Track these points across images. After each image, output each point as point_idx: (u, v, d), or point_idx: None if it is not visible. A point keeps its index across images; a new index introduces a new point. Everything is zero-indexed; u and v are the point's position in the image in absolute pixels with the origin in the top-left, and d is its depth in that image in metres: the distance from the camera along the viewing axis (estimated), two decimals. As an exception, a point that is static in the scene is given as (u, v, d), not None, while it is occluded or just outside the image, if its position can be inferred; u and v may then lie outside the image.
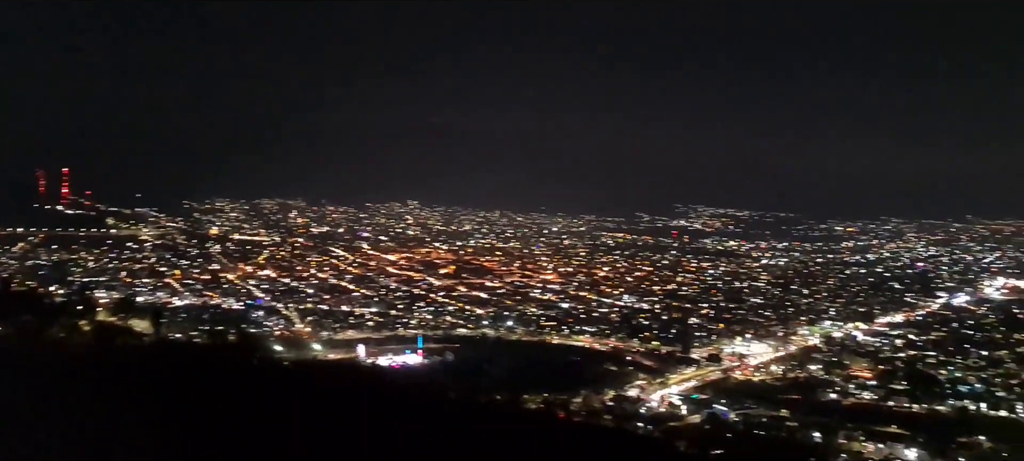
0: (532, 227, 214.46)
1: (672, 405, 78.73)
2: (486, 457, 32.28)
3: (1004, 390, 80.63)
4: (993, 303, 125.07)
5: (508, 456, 33.78)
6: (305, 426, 26.81)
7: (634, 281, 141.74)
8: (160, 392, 27.49)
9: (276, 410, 29.33)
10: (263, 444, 24.15)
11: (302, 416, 27.88)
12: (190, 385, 30.20)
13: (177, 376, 32.77)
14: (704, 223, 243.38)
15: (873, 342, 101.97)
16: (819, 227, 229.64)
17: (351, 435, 27.54)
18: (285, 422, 26.92)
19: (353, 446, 26.80)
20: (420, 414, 49.60)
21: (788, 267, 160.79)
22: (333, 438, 26.54)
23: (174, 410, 24.49)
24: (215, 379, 33.89)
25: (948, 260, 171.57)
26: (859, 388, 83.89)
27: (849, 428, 69.01)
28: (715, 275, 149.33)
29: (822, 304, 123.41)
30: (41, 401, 22.77)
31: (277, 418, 27.37)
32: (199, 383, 31.27)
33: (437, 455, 29.19)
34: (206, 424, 23.98)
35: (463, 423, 50.62)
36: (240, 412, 27.06)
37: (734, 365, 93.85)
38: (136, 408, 23.16)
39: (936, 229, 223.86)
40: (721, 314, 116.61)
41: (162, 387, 28.90)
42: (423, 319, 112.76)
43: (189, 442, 22.23)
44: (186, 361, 42.24)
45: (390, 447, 28.14)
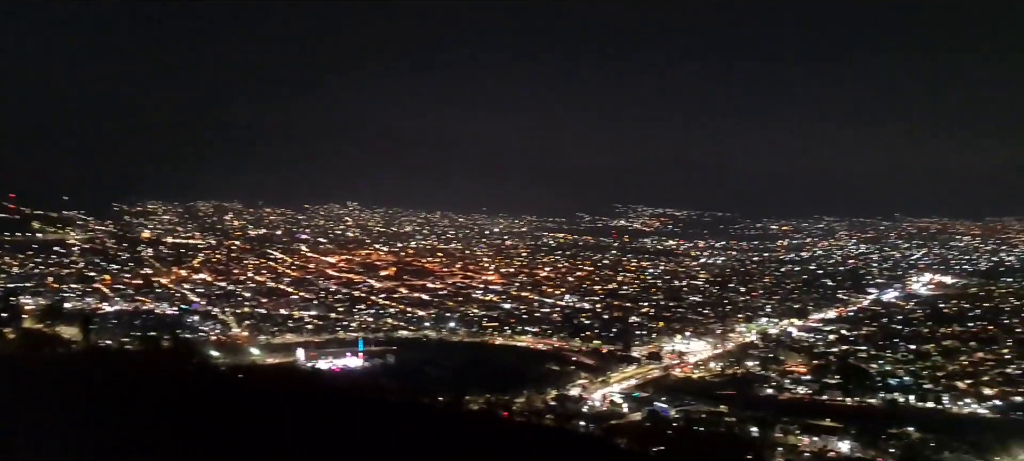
0: (473, 228, 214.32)
1: (614, 403, 79.60)
2: (428, 459, 32.17)
3: (931, 382, 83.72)
4: (920, 298, 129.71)
5: (450, 457, 33.72)
6: (242, 432, 26.33)
7: (575, 281, 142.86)
8: (90, 401, 26.64)
9: (212, 416, 28.70)
10: (199, 451, 23.63)
11: (239, 422, 27.38)
12: (122, 393, 29.35)
13: (108, 384, 31.82)
14: (644, 223, 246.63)
15: (807, 338, 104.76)
16: (755, 226, 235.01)
17: (290, 440, 27.14)
18: (221, 428, 26.38)
19: (292, 451, 26.42)
20: (361, 417, 49.09)
21: (726, 265, 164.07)
22: (271, 443, 26.11)
23: (105, 419, 23.78)
24: (148, 386, 32.98)
25: (878, 257, 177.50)
26: (794, 383, 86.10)
27: (785, 422, 70.66)
28: (655, 274, 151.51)
29: (758, 301, 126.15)
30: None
31: (213, 424, 26.81)
32: (131, 391, 30.41)
33: (379, 458, 28.99)
34: (139, 432, 23.33)
35: (405, 425, 50.29)
36: (175, 419, 26.40)
37: (674, 363, 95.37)
38: (64, 418, 22.41)
39: (866, 227, 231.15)
40: (661, 312, 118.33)
41: (92, 396, 28.03)
42: (364, 321, 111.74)
43: (121, 452, 21.62)
44: (117, 368, 41.04)
45: (330, 451, 27.83)
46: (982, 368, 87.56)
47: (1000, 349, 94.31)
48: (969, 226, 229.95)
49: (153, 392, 31.14)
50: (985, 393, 79.78)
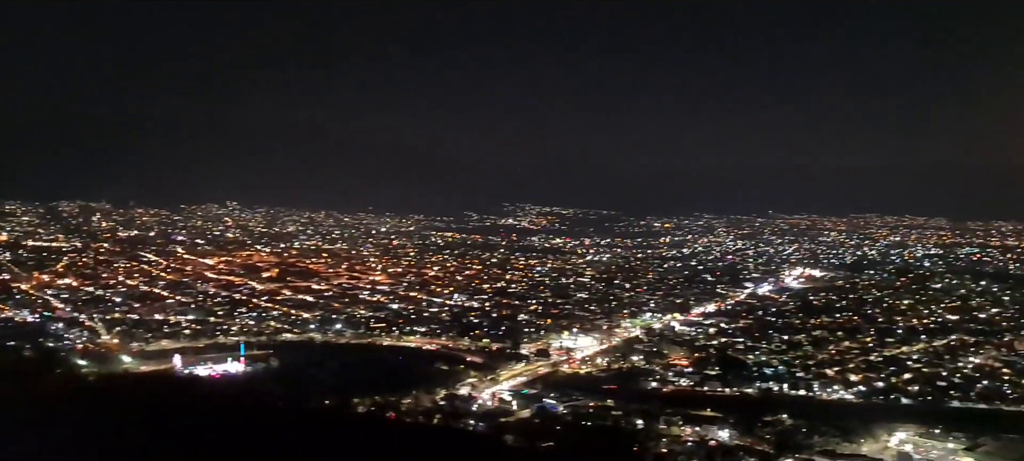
0: (360, 228, 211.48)
1: (503, 401, 79.94)
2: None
3: (802, 371, 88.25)
4: (792, 291, 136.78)
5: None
6: (113, 443, 24.95)
7: (464, 280, 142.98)
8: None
9: (79, 429, 27.07)
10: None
11: (109, 433, 25.94)
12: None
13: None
14: (532, 221, 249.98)
15: (689, 331, 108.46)
16: (639, 224, 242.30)
17: (163, 451, 25.93)
18: (88, 441, 24.91)
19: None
20: (242, 424, 47.52)
21: (611, 262, 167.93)
22: (143, 455, 24.86)
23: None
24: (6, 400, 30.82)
25: (754, 253, 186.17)
26: (677, 375, 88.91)
27: (668, 413, 72.78)
28: (543, 272, 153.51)
29: (643, 297, 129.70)
30: None
31: (79, 437, 25.28)
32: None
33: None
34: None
35: (289, 431, 49.08)
36: (37, 434, 24.75)
37: (562, 359, 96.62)
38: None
39: (743, 224, 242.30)
40: (549, 310, 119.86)
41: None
42: (245, 325, 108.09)
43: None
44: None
45: (210, 459, 26.77)
46: (848, 356, 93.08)
47: (864, 338, 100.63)
48: (836, 222, 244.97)
49: (11, 405, 29.12)
50: (851, 379, 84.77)
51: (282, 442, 39.14)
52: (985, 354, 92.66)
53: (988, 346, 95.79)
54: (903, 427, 68.17)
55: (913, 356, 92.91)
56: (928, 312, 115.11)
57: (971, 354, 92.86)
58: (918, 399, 79.46)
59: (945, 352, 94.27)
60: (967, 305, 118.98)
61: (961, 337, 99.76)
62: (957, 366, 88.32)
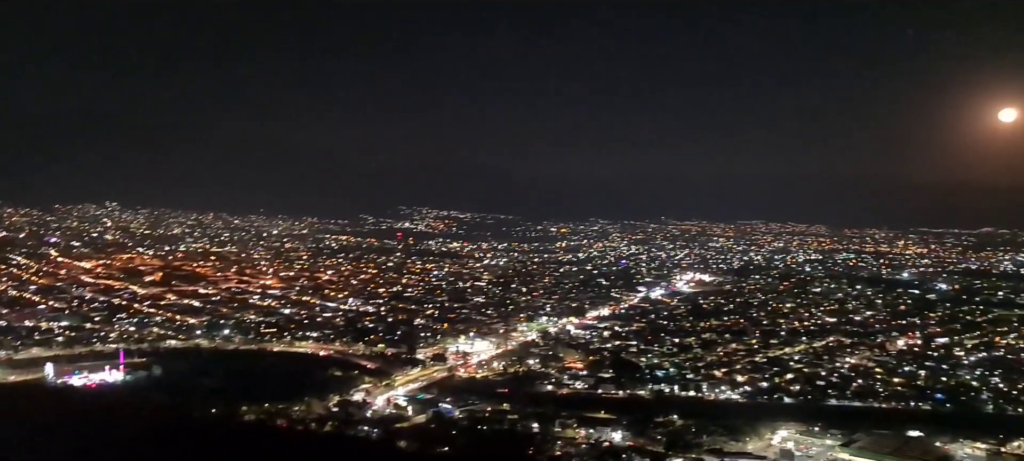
0: (250, 230, 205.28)
1: (398, 406, 79.10)
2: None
3: (693, 372, 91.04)
4: (683, 295, 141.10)
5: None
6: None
7: (359, 284, 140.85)
8: None
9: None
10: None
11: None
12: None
13: None
14: (428, 225, 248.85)
15: (584, 335, 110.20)
16: (536, 228, 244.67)
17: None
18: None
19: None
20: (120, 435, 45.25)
21: (508, 266, 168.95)
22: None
23: None
24: None
25: (647, 257, 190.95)
26: (572, 378, 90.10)
27: (564, 417, 73.72)
28: (439, 276, 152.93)
29: (539, 301, 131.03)
30: None
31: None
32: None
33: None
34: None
35: (171, 441, 47.01)
36: None
37: (459, 363, 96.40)
38: None
39: (636, 229, 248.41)
40: (446, 314, 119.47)
41: None
42: (125, 331, 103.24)
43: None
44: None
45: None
46: (735, 358, 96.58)
47: (750, 340, 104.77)
48: (724, 228, 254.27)
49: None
50: (737, 380, 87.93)
51: (163, 453, 37.45)
52: (860, 354, 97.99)
53: (862, 347, 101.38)
54: (785, 425, 71.37)
55: (795, 357, 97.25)
56: (808, 315, 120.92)
57: (847, 355, 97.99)
58: (799, 398, 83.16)
59: (824, 353, 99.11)
60: (844, 308, 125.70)
61: (838, 338, 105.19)
62: (835, 366, 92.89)
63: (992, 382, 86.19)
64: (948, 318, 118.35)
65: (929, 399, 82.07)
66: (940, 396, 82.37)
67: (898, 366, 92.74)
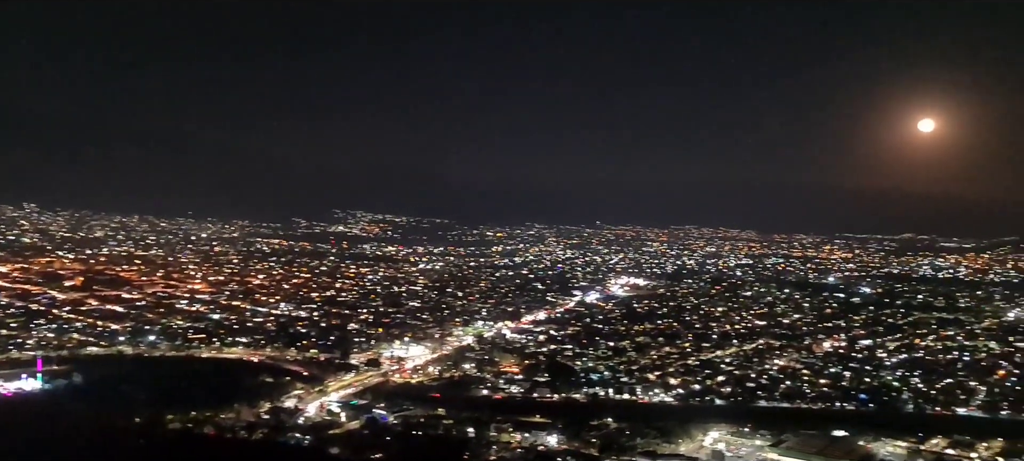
0: (178, 234, 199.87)
1: (331, 412, 77.98)
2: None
3: (627, 376, 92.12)
4: (618, 299, 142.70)
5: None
6: None
7: (291, 288, 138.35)
8: None
9: None
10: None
11: None
12: None
13: None
14: (363, 229, 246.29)
15: (520, 339, 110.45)
16: (472, 232, 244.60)
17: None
18: None
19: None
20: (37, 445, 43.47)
21: (444, 271, 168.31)
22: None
23: None
24: None
25: (582, 262, 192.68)
26: (508, 382, 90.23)
27: (499, 421, 73.77)
28: (374, 280, 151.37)
29: (475, 305, 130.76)
30: None
31: None
32: None
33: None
34: None
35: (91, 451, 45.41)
36: None
37: (394, 368, 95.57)
38: None
39: (572, 234, 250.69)
40: (380, 319, 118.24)
41: None
42: (44, 338, 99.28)
43: None
44: None
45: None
46: (668, 361, 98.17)
47: (682, 343, 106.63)
48: (658, 233, 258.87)
49: None
50: (670, 383, 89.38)
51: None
52: (788, 357, 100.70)
53: (791, 349, 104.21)
54: (716, 427, 72.89)
55: (726, 360, 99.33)
56: (739, 318, 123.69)
57: (776, 357, 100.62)
58: (730, 400, 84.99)
59: (754, 355, 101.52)
60: (773, 312, 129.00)
61: (768, 341, 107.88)
62: (764, 368, 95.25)
63: (912, 382, 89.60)
64: (871, 321, 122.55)
65: (853, 399, 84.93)
66: (864, 396, 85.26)
67: (824, 367, 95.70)
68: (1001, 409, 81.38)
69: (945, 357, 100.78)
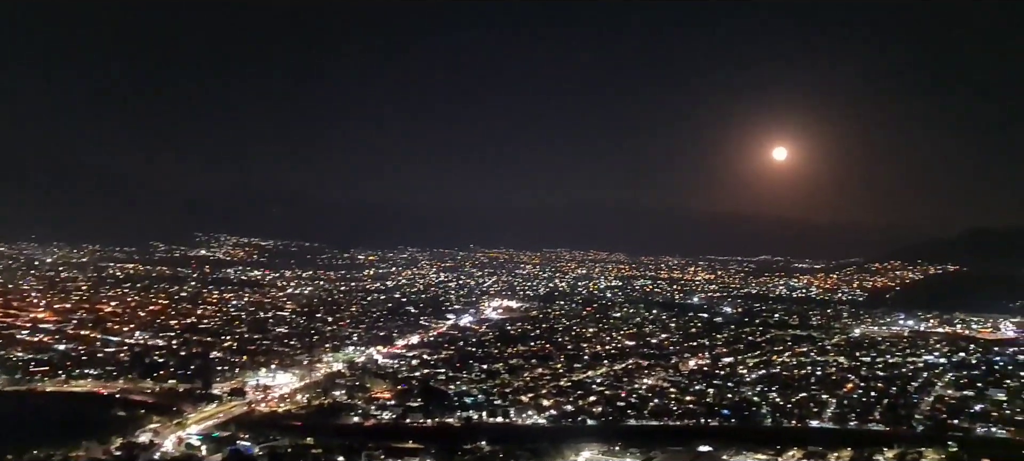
0: (19, 259, 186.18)
1: (190, 446, 74.22)
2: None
3: (500, 398, 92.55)
4: (491, 322, 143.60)
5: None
6: None
7: (148, 316, 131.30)
8: None
9: None
10: None
11: None
12: None
13: None
14: (228, 252, 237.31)
15: (392, 364, 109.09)
16: (343, 256, 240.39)
17: None
18: None
19: None
20: None
21: (313, 295, 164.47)
22: None
23: None
24: None
25: (456, 285, 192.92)
26: (380, 408, 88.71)
27: (371, 448, 72.33)
28: (239, 306, 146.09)
29: (346, 330, 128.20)
30: None
31: None
32: None
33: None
34: None
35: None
36: None
37: (259, 397, 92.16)
38: None
39: (445, 257, 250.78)
40: (245, 346, 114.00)
41: None
42: None
43: None
44: None
45: None
46: (541, 382, 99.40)
47: (555, 365, 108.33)
48: (531, 256, 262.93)
49: None
50: (543, 404, 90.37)
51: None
52: (656, 376, 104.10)
53: (658, 368, 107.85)
54: (588, 446, 74.29)
55: (597, 380, 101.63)
56: (609, 339, 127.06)
57: (645, 376, 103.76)
58: (601, 420, 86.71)
59: (623, 375, 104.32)
60: (641, 332, 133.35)
61: (636, 361, 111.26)
62: (633, 388, 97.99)
63: (770, 397, 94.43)
64: (732, 339, 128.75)
65: (717, 415, 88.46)
66: (726, 412, 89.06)
67: (690, 385, 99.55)
68: (850, 420, 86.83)
69: (799, 372, 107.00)
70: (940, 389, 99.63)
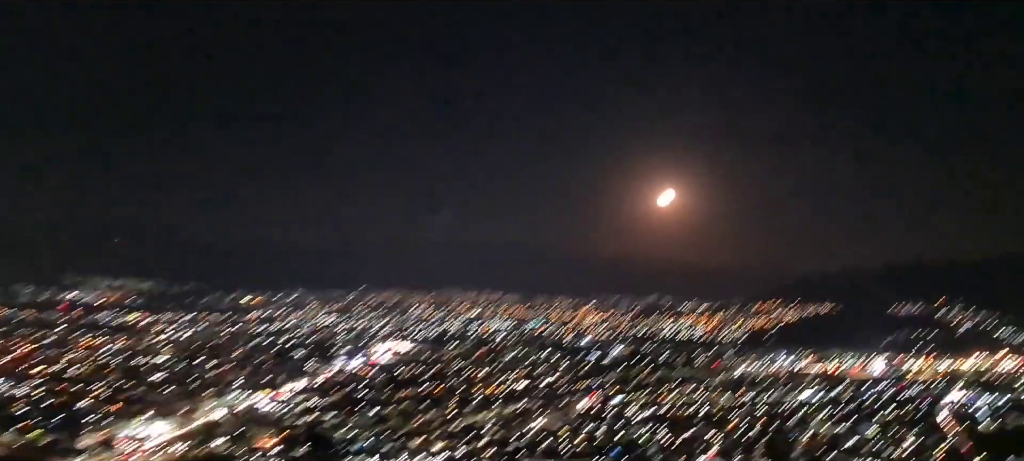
0: None
1: (53, 504, 69.92)
2: None
3: (390, 443, 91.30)
4: (381, 365, 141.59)
5: None
6: None
7: (10, 363, 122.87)
8: None
9: None
10: None
11: None
12: None
13: None
14: (101, 295, 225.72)
15: (278, 410, 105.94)
16: (227, 298, 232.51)
17: None
18: None
19: None
20: None
21: (194, 340, 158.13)
22: None
23: None
24: None
25: (345, 327, 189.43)
26: (263, 457, 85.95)
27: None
28: (112, 352, 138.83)
29: (228, 376, 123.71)
30: None
31: None
32: None
33: None
34: None
35: None
36: None
37: (131, 449, 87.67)
38: None
39: (335, 298, 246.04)
40: (118, 394, 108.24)
41: None
42: None
43: None
44: None
45: None
46: (432, 427, 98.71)
47: (445, 409, 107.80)
48: (423, 296, 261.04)
49: None
50: (434, 449, 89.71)
51: None
52: (546, 417, 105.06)
53: (549, 410, 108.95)
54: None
55: (489, 423, 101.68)
56: (501, 381, 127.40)
57: (536, 418, 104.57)
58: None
59: (515, 418, 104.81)
60: (533, 373, 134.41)
61: (528, 403, 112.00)
62: (525, 430, 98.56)
63: (658, 436, 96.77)
64: (622, 379, 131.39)
65: (606, 455, 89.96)
66: (615, 452, 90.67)
67: (580, 426, 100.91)
68: (735, 457, 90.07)
69: (686, 411, 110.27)
70: (815, 426, 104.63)
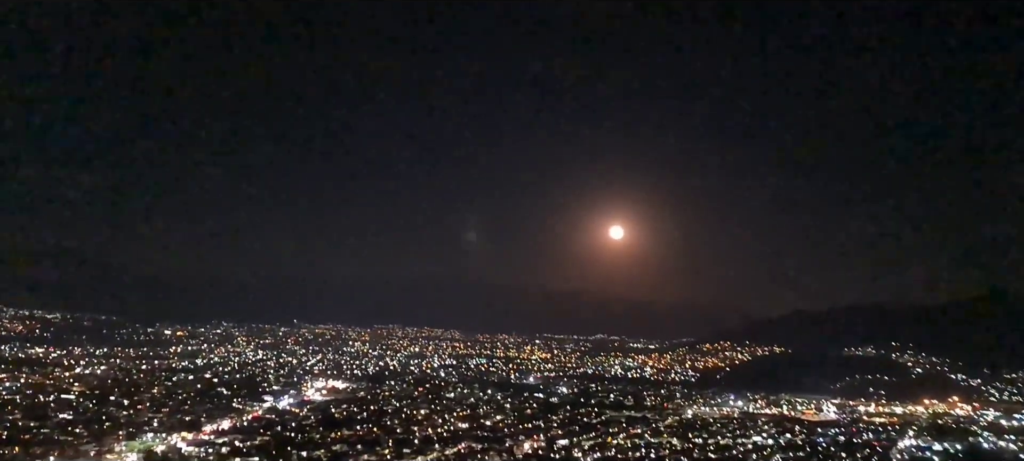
0: None
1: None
2: None
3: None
4: (314, 404, 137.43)
5: None
6: None
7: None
8: None
9: None
10: None
11: None
12: None
13: None
14: (4, 326, 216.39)
15: (198, 452, 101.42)
16: (146, 331, 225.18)
17: None
18: None
19: None
20: None
21: (107, 376, 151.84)
22: None
23: None
24: None
25: (275, 363, 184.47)
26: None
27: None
28: (15, 389, 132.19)
29: (145, 415, 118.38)
30: None
31: None
32: None
33: None
34: None
35: None
36: None
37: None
38: None
39: (265, 333, 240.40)
40: (18, 435, 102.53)
41: None
42: None
43: None
44: None
45: None
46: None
47: (383, 450, 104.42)
48: (360, 333, 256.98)
49: None
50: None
51: None
52: (490, 459, 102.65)
53: (492, 452, 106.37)
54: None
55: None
56: (442, 421, 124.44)
57: (479, 459, 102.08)
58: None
59: (456, 460, 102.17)
60: (475, 413, 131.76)
61: (470, 444, 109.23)
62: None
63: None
64: (568, 420, 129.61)
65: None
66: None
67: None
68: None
69: (634, 454, 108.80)
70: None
